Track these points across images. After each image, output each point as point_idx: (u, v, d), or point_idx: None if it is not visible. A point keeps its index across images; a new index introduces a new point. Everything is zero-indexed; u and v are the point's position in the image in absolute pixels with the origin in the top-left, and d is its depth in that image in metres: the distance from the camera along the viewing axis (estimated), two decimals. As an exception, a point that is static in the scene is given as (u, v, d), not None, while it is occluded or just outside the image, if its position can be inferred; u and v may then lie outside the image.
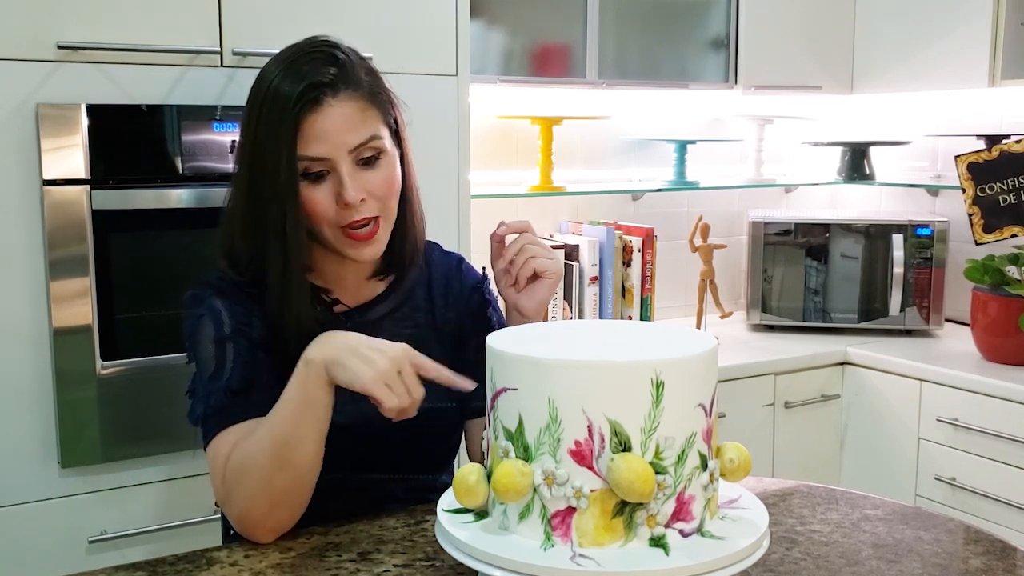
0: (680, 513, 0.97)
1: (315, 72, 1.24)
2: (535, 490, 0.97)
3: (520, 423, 0.98)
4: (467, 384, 1.16)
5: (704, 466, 0.98)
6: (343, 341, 1.15)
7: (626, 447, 0.94)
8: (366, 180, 1.27)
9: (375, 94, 1.30)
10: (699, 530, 0.99)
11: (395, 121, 1.34)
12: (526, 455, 0.97)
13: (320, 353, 1.15)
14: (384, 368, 1.12)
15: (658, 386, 0.93)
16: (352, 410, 1.29)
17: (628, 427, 0.94)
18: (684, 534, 0.97)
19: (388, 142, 1.31)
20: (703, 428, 0.98)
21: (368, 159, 1.28)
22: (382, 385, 1.12)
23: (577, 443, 0.95)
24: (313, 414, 1.17)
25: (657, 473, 0.94)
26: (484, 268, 1.51)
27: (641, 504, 0.95)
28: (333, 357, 1.14)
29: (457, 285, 1.46)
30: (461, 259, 1.50)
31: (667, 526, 0.96)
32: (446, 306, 1.44)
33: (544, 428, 0.96)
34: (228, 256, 1.32)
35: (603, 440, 0.94)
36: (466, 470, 1.03)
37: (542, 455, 0.96)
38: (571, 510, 0.96)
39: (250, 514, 1.19)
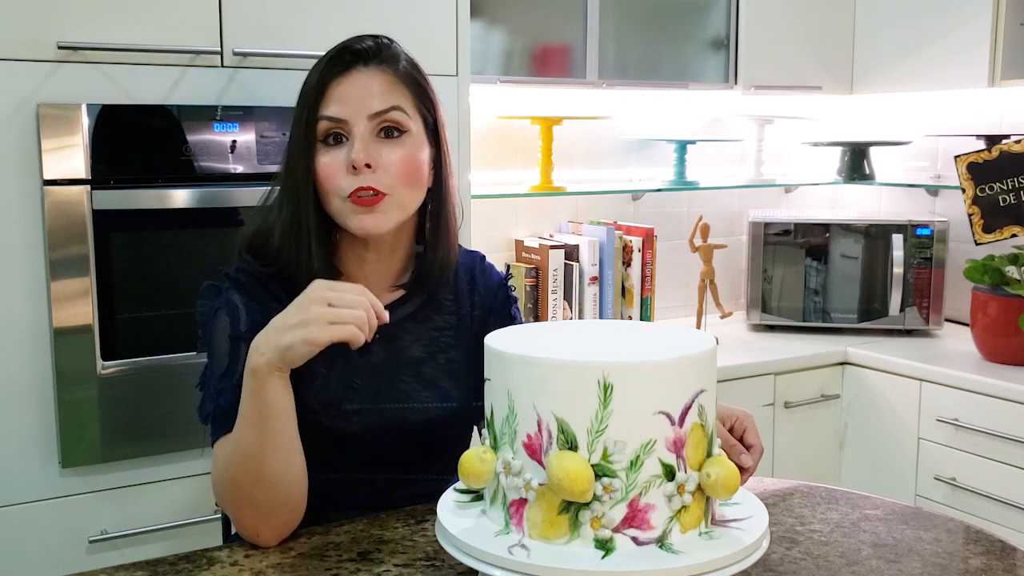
0: (634, 519, 0.95)
1: (353, 43, 1.28)
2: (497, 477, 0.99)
3: (491, 412, 1.01)
4: (383, 315, 1.14)
5: (670, 476, 0.95)
6: (271, 334, 1.13)
7: (572, 446, 0.93)
8: (381, 152, 1.26)
9: (411, 77, 1.31)
10: (659, 541, 0.95)
11: (434, 120, 1.34)
12: (495, 443, 1.00)
13: (262, 358, 1.13)
14: (317, 314, 1.09)
15: (605, 388, 0.93)
16: (362, 419, 1.29)
17: (575, 426, 0.93)
18: (638, 542, 0.95)
19: (416, 126, 1.30)
20: (667, 437, 0.95)
21: (388, 130, 1.27)
22: (330, 328, 1.09)
23: (529, 436, 0.95)
24: (271, 420, 1.14)
25: (604, 476, 0.93)
26: (508, 266, 1.50)
27: (586, 504, 0.94)
28: (276, 346, 1.11)
29: (482, 282, 1.44)
30: (483, 256, 1.49)
31: (616, 531, 0.94)
32: (472, 304, 1.42)
33: (504, 419, 0.98)
34: (255, 244, 1.31)
35: (551, 436, 0.94)
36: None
37: (504, 444, 0.98)
38: (524, 501, 0.97)
39: (243, 524, 1.20)
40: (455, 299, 1.41)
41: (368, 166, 1.24)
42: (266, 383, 1.13)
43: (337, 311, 1.10)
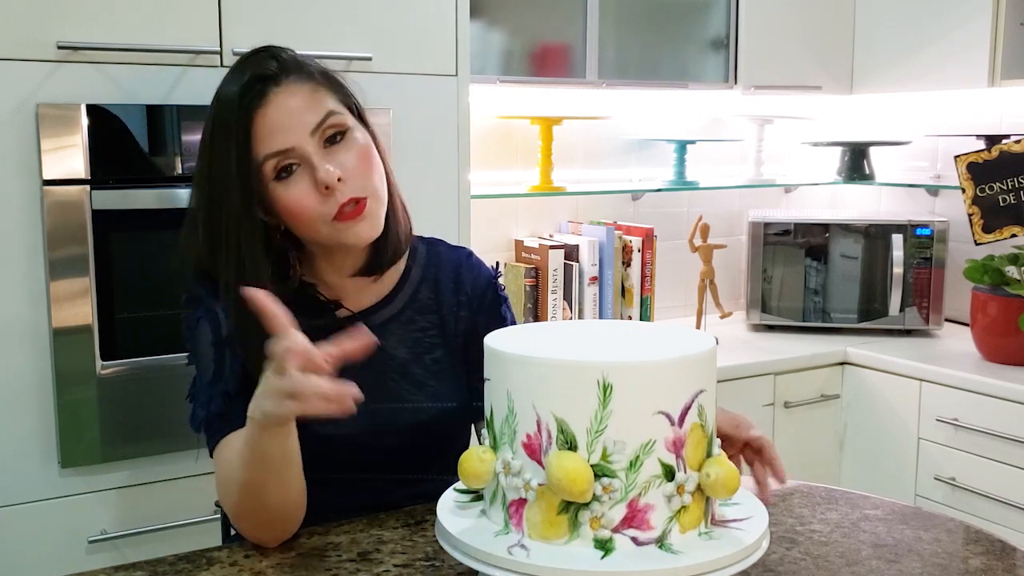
0: (633, 519, 0.95)
1: (256, 67, 1.22)
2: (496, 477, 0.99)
3: (491, 412, 1.01)
4: (354, 391, 1.06)
5: (669, 476, 0.95)
6: (260, 397, 1.07)
7: (572, 446, 0.93)
8: (338, 159, 1.22)
9: (324, 75, 1.26)
10: (659, 541, 0.95)
11: (356, 107, 1.29)
12: (494, 443, 1.00)
13: (256, 409, 1.08)
14: (303, 389, 1.02)
15: (605, 388, 0.92)
16: (355, 421, 1.29)
17: (574, 426, 0.93)
18: (638, 542, 0.95)
19: (350, 119, 1.26)
20: (666, 437, 0.95)
21: (333, 137, 1.23)
22: (322, 403, 1.03)
23: (529, 436, 0.95)
24: (269, 465, 1.13)
25: (603, 476, 0.93)
26: (497, 263, 1.49)
27: (586, 504, 0.94)
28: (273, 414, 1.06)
29: (469, 279, 1.41)
30: (470, 253, 1.46)
31: (615, 531, 0.94)
32: (457, 303, 1.39)
33: (504, 419, 0.98)
34: (197, 264, 1.27)
35: (550, 436, 0.94)
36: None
37: (504, 445, 0.98)
38: (523, 501, 0.97)
39: (244, 529, 1.20)
40: (436, 298, 1.39)
41: (340, 179, 1.21)
42: (262, 436, 1.10)
43: (314, 390, 1.03)
